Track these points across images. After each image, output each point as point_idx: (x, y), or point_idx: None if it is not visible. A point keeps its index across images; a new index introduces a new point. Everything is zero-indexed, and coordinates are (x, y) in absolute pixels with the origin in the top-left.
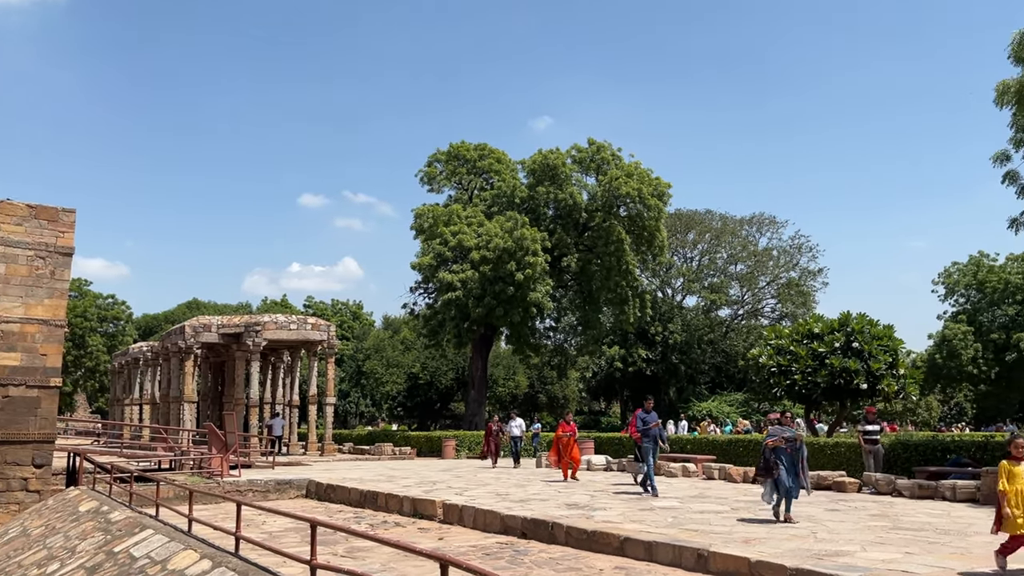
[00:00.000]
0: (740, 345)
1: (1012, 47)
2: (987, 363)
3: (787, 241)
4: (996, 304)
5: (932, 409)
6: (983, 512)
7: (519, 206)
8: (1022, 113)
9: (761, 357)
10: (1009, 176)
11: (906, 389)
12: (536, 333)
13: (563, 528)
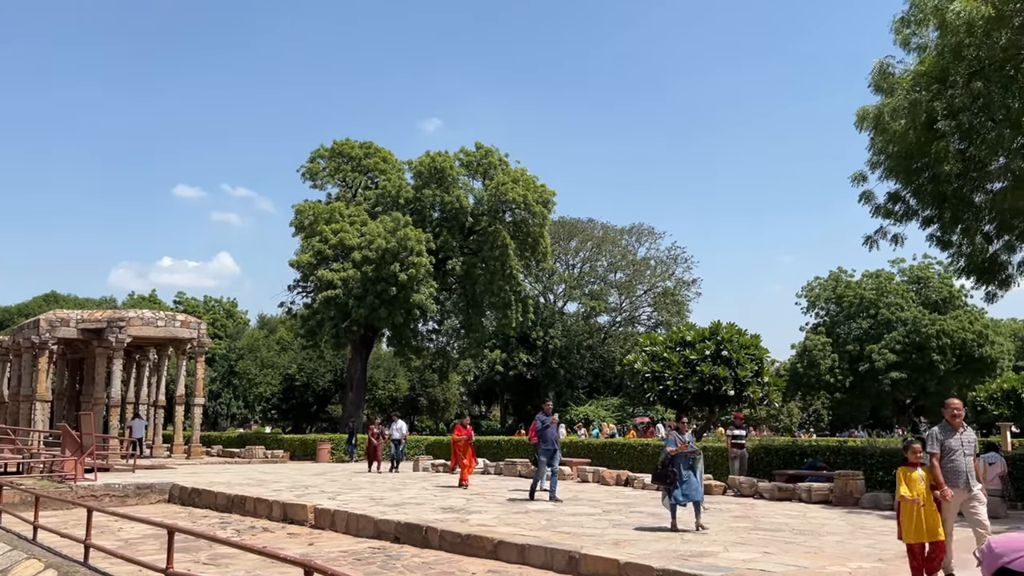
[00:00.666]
0: (617, 351)
1: (872, 76)
2: (843, 372)
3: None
4: (852, 318)
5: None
6: (835, 513)
7: (404, 207)
8: (879, 138)
9: (636, 363)
10: (865, 196)
11: (770, 396)
12: (418, 335)
13: (437, 532)
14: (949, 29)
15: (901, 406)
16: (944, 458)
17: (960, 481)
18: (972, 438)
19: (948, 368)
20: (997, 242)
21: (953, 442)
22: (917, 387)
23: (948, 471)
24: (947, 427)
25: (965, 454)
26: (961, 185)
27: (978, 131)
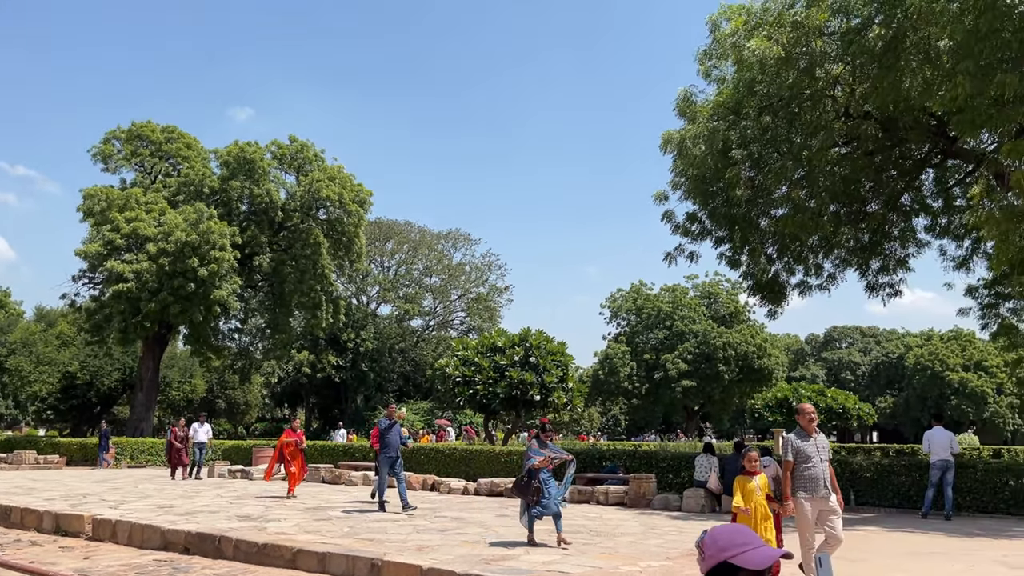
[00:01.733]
0: (429, 355)
1: (677, 103)
2: (640, 380)
3: (479, 258)
4: (650, 328)
5: (594, 420)
6: (629, 514)
7: (209, 197)
8: (680, 161)
9: (448, 367)
10: (667, 215)
11: (573, 401)
12: (219, 334)
13: (231, 542)
14: (745, 65)
15: (690, 412)
16: (800, 465)
17: (819, 488)
18: (826, 443)
19: (732, 378)
20: (778, 263)
21: (808, 448)
22: (704, 395)
23: (806, 479)
24: (802, 432)
25: (821, 459)
26: (750, 210)
27: (766, 161)
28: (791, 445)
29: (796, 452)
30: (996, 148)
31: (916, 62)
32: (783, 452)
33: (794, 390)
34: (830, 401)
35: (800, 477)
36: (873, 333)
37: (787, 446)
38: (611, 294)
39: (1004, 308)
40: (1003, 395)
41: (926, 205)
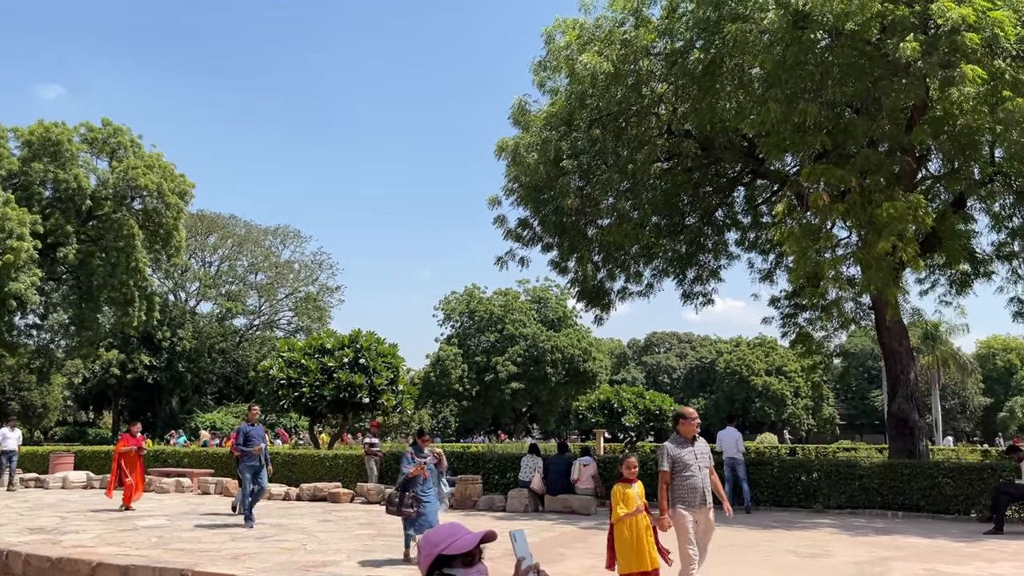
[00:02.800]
0: (253, 356)
1: (513, 111)
2: (471, 382)
3: (309, 256)
4: (482, 331)
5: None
6: (456, 516)
7: (6, 180)
8: (514, 168)
9: (272, 369)
10: (499, 219)
11: (403, 404)
12: (15, 330)
13: (21, 556)
14: (577, 79)
15: (518, 414)
16: (679, 475)
17: (697, 499)
18: (705, 449)
19: (559, 380)
20: (603, 271)
21: (686, 455)
22: (532, 396)
23: (685, 489)
24: (679, 439)
25: (701, 467)
26: (579, 218)
27: (594, 172)
28: (667, 453)
29: (673, 461)
30: (798, 171)
31: (731, 87)
32: (659, 461)
33: (616, 392)
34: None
35: (678, 488)
36: (689, 339)
37: (663, 455)
38: (445, 296)
39: (801, 318)
40: (800, 398)
41: (737, 220)
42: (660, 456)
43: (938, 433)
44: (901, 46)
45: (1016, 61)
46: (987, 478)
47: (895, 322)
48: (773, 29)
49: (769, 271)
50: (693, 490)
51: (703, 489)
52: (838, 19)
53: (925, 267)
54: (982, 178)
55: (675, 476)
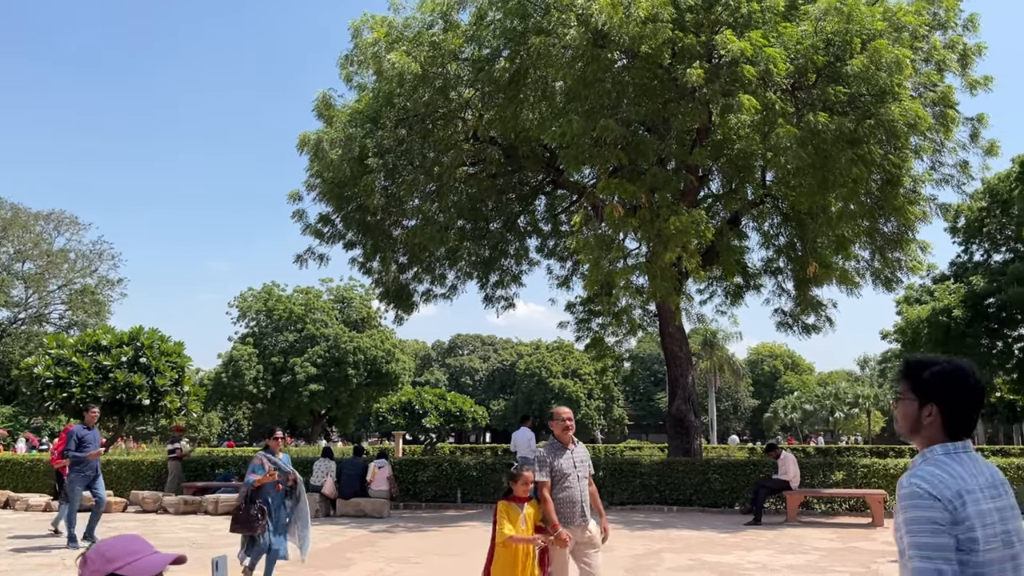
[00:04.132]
0: (17, 352)
1: (317, 104)
2: (266, 384)
3: (88, 245)
4: (280, 330)
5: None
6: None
7: None
8: (317, 163)
9: (37, 367)
10: (299, 214)
11: (188, 406)
12: None
13: None
14: (385, 77)
15: (317, 416)
16: (556, 485)
17: (576, 514)
18: (585, 455)
19: (360, 382)
20: (408, 272)
21: (564, 463)
22: (332, 399)
23: (561, 502)
24: (556, 444)
25: (579, 477)
26: (384, 218)
27: (400, 172)
28: (543, 462)
29: (551, 470)
30: (595, 183)
31: (535, 97)
32: (536, 470)
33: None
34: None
35: (553, 500)
36: (492, 342)
37: (540, 463)
38: (241, 293)
39: (595, 323)
40: (593, 399)
41: (538, 228)
42: (536, 464)
43: (713, 432)
44: (688, 72)
45: (785, 94)
46: (750, 474)
47: (677, 328)
48: (575, 45)
49: (567, 278)
50: (571, 503)
51: (582, 503)
52: (634, 41)
53: (705, 278)
54: (754, 199)
55: (553, 487)
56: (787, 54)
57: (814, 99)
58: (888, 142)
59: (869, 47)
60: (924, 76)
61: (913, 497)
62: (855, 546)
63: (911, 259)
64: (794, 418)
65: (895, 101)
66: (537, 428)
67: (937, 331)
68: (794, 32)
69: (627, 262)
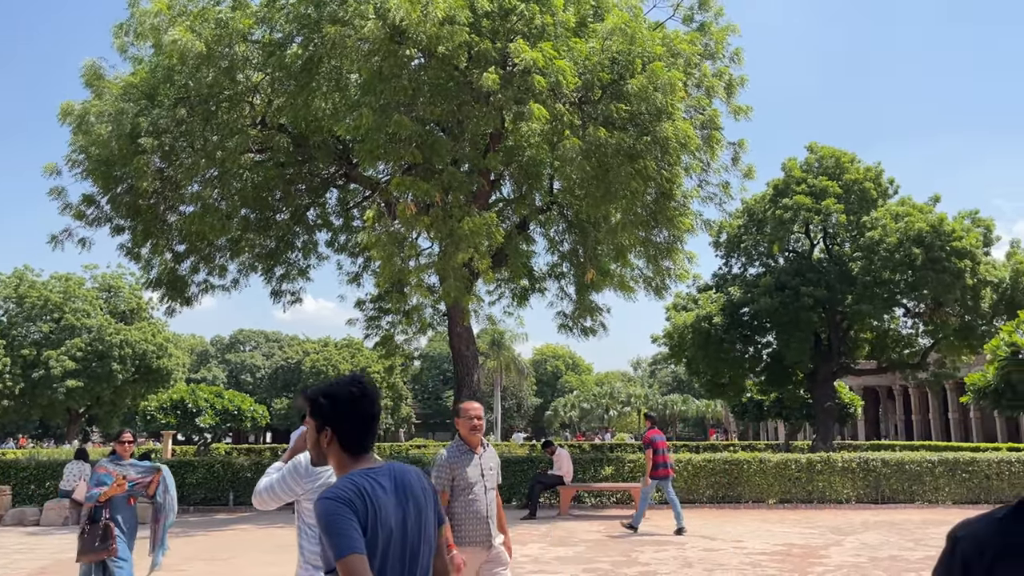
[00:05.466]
0: None
1: (85, 73)
2: (13, 378)
3: None
4: (33, 320)
5: None
6: None
7: None
8: (81, 136)
9: None
10: (57, 191)
11: None
12: None
13: None
14: (164, 52)
15: (74, 415)
16: (460, 498)
17: (481, 532)
18: (494, 461)
19: (127, 378)
20: (185, 262)
21: (471, 470)
22: (93, 396)
23: (468, 517)
24: (462, 447)
25: (487, 487)
26: (158, 203)
27: (178, 154)
28: (443, 467)
29: (453, 479)
30: (389, 180)
31: (328, 87)
32: (435, 478)
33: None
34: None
35: (458, 516)
36: (277, 338)
37: (441, 470)
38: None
39: (385, 321)
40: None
41: (329, 222)
42: (438, 472)
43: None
44: (484, 77)
45: (573, 107)
46: (527, 470)
47: (465, 328)
48: (372, 39)
49: (357, 274)
50: (477, 519)
51: (488, 518)
52: (431, 41)
53: (494, 280)
54: (542, 205)
55: (454, 500)
56: (576, 68)
57: (599, 113)
58: (662, 158)
59: (648, 68)
60: (695, 100)
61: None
62: (619, 537)
63: (679, 268)
64: (573, 416)
65: (669, 120)
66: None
67: (699, 336)
68: (583, 48)
69: (419, 260)
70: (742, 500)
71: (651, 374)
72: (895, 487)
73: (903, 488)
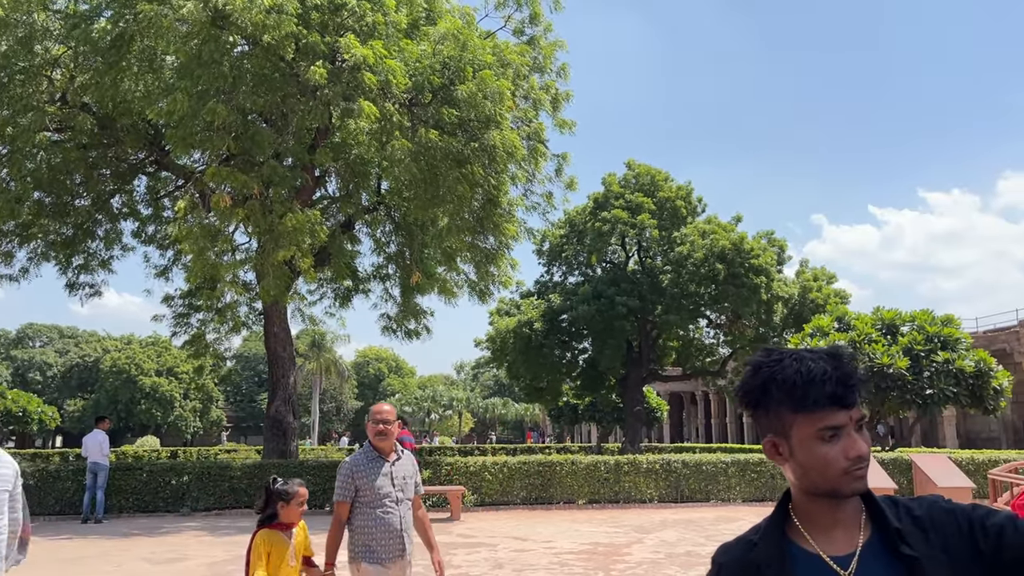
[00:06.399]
0: None
1: None
2: None
3: None
4: None
5: None
6: None
7: None
8: None
9: None
10: None
11: None
12: None
13: None
14: None
15: None
16: (365, 510)
17: (393, 548)
18: (410, 469)
19: None
20: None
21: (381, 480)
22: None
23: (377, 532)
24: (370, 452)
25: (401, 500)
26: None
27: None
28: (348, 475)
29: (357, 488)
30: (204, 169)
31: (140, 68)
32: (337, 487)
33: None
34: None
35: (365, 531)
36: (73, 334)
37: (343, 479)
38: None
39: (195, 319)
40: (188, 399)
41: (136, 211)
42: (342, 479)
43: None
44: (311, 70)
45: (403, 108)
46: None
47: (282, 329)
48: (191, 20)
49: (166, 268)
50: (389, 533)
51: (403, 532)
52: (256, 29)
53: (316, 279)
54: (369, 205)
55: (357, 512)
56: (407, 70)
57: (429, 117)
58: (490, 165)
59: (478, 76)
60: (522, 111)
61: None
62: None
63: (503, 274)
64: None
65: (497, 129)
66: (119, 431)
67: (521, 341)
68: (415, 50)
69: (235, 256)
70: (554, 501)
71: (474, 378)
72: (693, 487)
73: (700, 488)
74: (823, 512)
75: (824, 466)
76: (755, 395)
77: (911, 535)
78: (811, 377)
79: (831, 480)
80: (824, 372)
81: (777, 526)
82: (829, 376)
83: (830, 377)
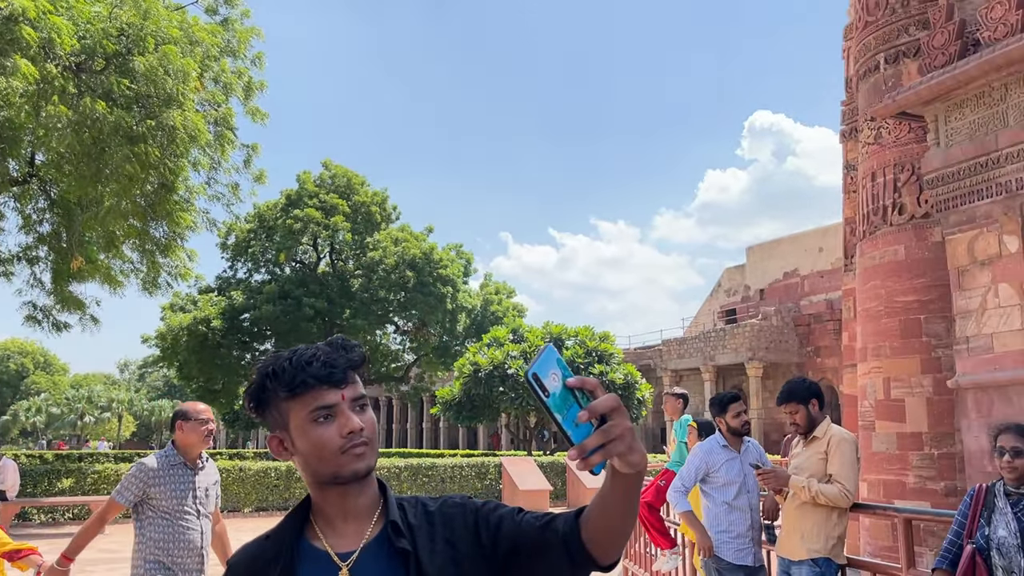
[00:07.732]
0: None
1: None
2: None
3: None
4: None
5: None
6: None
7: None
8: None
9: None
10: None
11: None
12: None
13: None
14: None
15: None
16: (157, 521)
17: (191, 565)
18: (212, 479)
19: None
20: None
21: (182, 488)
22: None
23: (173, 544)
24: (173, 458)
25: (202, 513)
26: None
27: None
28: (138, 481)
29: (146, 494)
30: None
31: None
32: (121, 488)
33: None
34: None
35: (155, 543)
36: None
37: (132, 481)
38: None
39: None
40: None
41: None
42: (125, 480)
43: None
44: None
45: (68, 71)
46: None
47: None
48: None
49: None
50: (188, 550)
51: (202, 550)
52: None
53: None
54: (19, 177)
55: (150, 522)
56: (76, 30)
57: (99, 86)
58: (168, 147)
59: (161, 50)
60: (210, 94)
61: None
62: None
63: (179, 266)
64: (38, 421)
65: (179, 109)
66: None
67: (195, 339)
68: (87, 10)
69: None
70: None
71: (140, 378)
72: None
73: None
74: (334, 504)
75: (321, 447)
76: (257, 393)
77: (418, 530)
78: (299, 362)
79: (329, 462)
80: (314, 355)
81: (293, 522)
82: (317, 357)
83: (318, 359)
